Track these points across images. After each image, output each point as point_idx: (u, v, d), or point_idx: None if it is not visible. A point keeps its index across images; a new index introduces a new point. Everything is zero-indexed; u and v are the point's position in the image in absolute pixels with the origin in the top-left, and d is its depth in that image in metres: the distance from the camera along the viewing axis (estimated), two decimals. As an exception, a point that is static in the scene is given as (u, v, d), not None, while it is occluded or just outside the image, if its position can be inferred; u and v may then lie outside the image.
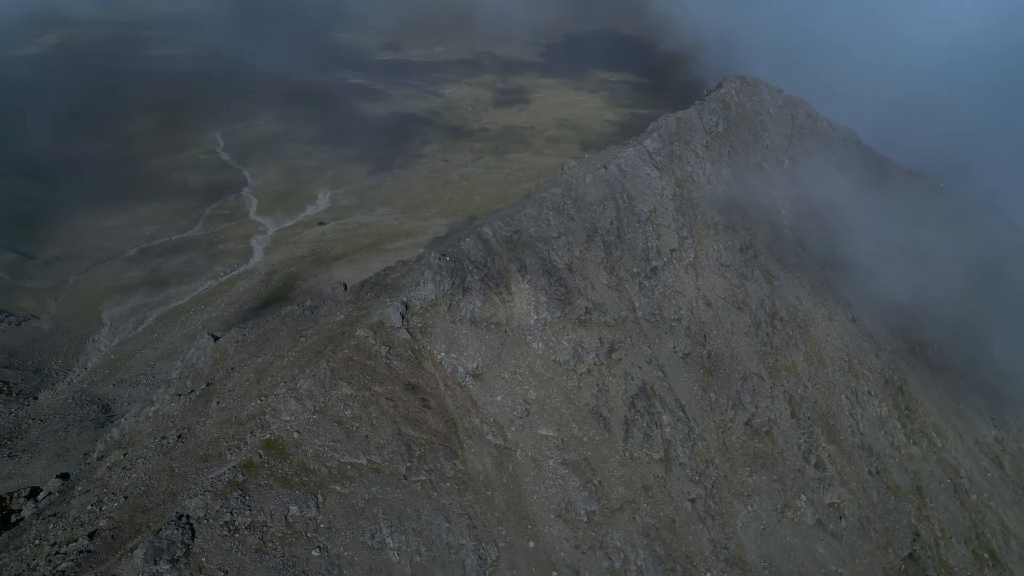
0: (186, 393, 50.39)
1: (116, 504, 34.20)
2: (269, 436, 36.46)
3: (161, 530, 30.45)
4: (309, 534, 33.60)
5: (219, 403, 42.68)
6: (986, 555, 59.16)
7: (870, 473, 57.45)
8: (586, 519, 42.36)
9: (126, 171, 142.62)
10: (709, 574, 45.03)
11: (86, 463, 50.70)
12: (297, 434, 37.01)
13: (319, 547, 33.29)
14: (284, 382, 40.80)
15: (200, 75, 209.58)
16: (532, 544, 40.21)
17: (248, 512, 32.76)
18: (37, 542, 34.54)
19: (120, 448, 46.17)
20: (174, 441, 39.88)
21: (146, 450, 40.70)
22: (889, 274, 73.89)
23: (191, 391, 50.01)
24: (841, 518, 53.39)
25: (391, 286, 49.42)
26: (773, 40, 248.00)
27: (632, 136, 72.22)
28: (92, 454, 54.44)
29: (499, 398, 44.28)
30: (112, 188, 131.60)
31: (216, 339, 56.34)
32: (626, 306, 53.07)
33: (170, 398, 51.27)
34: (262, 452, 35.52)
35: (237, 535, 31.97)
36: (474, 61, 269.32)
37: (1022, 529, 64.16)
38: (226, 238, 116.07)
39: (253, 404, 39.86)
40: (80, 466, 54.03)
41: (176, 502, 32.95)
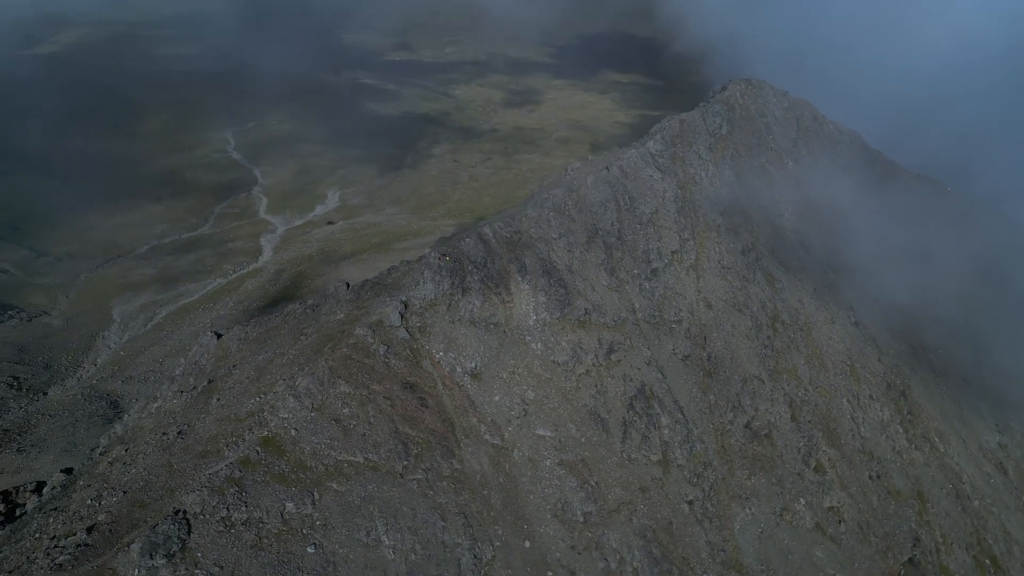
0: (188, 390, 50.81)
1: (115, 499, 34.60)
2: (267, 433, 36.76)
3: (158, 525, 30.79)
4: (305, 531, 33.86)
5: (219, 400, 43.05)
6: (987, 561, 58.82)
7: (871, 477, 57.23)
8: (582, 520, 42.46)
9: (138, 169, 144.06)
10: (706, 576, 45.06)
11: (89, 458, 51.23)
12: (295, 431, 37.30)
13: (314, 544, 33.54)
14: (283, 380, 41.10)
15: (212, 75, 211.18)
16: (528, 544, 40.33)
17: (244, 508, 33.07)
18: (37, 535, 34.99)
19: (122, 444, 46.66)
20: (174, 437, 40.26)
21: (147, 446, 41.12)
22: (893, 277, 73.56)
23: (193, 388, 50.44)
24: (840, 522, 53.22)
25: (391, 285, 49.69)
26: (784, 42, 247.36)
27: (641, 138, 72.28)
28: (97, 449, 55.04)
29: (497, 398, 44.44)
30: (124, 186, 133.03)
31: (219, 336, 56.76)
32: (626, 307, 53.12)
33: (173, 395, 51.71)
34: (260, 449, 35.82)
35: (233, 531, 32.27)
36: (485, 62, 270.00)
37: (1025, 535, 63.79)
38: (236, 237, 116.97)
39: (252, 401, 40.19)
40: (84, 461, 54.64)
41: (174, 497, 33.28)
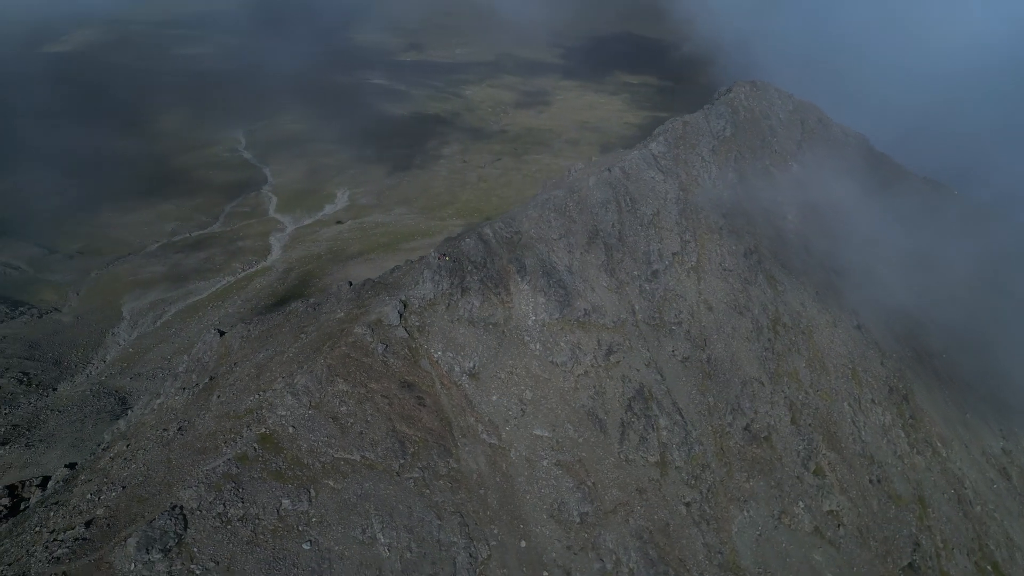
0: (191, 387, 51.28)
1: (114, 494, 34.99)
2: (264, 430, 37.10)
3: (154, 520, 31.15)
4: (300, 527, 34.15)
5: (219, 397, 43.42)
6: (989, 567, 58.43)
7: (871, 481, 57.00)
8: (579, 520, 42.54)
9: (150, 167, 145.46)
10: (702, 578, 45.03)
11: (91, 453, 51.80)
12: (292, 429, 37.61)
13: (310, 541, 33.82)
14: (282, 377, 41.44)
15: (224, 74, 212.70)
16: (524, 543, 40.47)
17: (241, 504, 33.39)
18: (38, 529, 35.45)
19: (124, 439, 47.16)
20: (174, 433, 40.65)
21: (147, 441, 41.55)
22: (897, 281, 73.21)
23: (196, 385, 50.89)
24: (839, 526, 53.05)
25: (391, 285, 49.99)
26: (795, 44, 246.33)
27: (644, 139, 72.32)
28: (101, 445, 55.61)
29: (495, 398, 44.61)
30: (136, 184, 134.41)
31: (222, 334, 57.24)
32: (626, 309, 53.18)
33: (175, 391, 52.18)
34: (257, 446, 36.15)
35: (229, 527, 32.59)
36: (496, 62, 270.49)
37: (1028, 542, 63.32)
38: (245, 235, 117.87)
39: (251, 399, 40.54)
40: (87, 456, 55.21)
41: (171, 493, 33.66)
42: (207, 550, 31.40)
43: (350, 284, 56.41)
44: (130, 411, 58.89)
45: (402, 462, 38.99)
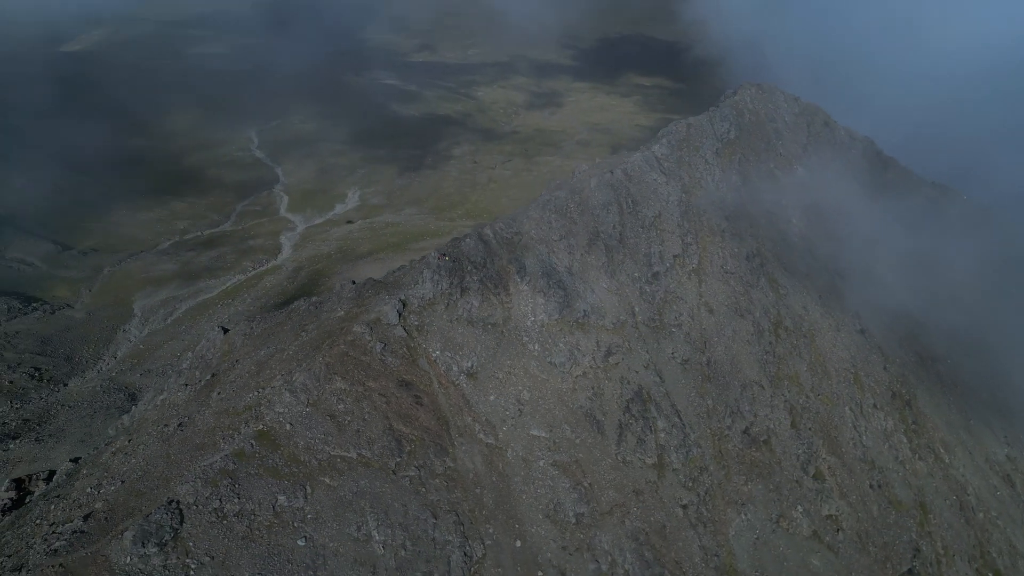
0: (193, 383, 51.85)
1: (113, 488, 35.45)
2: (262, 427, 37.47)
3: (151, 514, 31.57)
4: (296, 524, 34.47)
5: (219, 393, 43.88)
6: (990, 574, 58.05)
7: (871, 487, 56.75)
8: (574, 521, 42.66)
9: (163, 166, 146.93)
10: (698, 581, 45.03)
11: (95, 448, 52.42)
12: (289, 426, 37.96)
13: (305, 537, 34.14)
14: (281, 375, 41.84)
15: (237, 74, 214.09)
16: (519, 543, 40.63)
17: (237, 500, 33.75)
18: (38, 521, 35.98)
19: (127, 434, 47.74)
20: (174, 429, 41.11)
21: (148, 437, 42.04)
22: (902, 285, 72.78)
23: (198, 381, 51.44)
24: (838, 531, 52.86)
25: (392, 284, 50.30)
26: (807, 45, 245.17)
27: (648, 141, 72.29)
28: (105, 440, 56.25)
29: (492, 398, 44.82)
30: (149, 182, 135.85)
31: (226, 332, 57.80)
32: (625, 310, 53.24)
33: (178, 387, 52.80)
34: (254, 442, 36.52)
35: (225, 522, 32.96)
36: (508, 64, 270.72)
37: (1031, 549, 62.83)
38: (256, 234, 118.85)
39: (250, 395, 40.94)
40: (91, 451, 55.88)
41: (169, 488, 34.07)
42: (202, 545, 31.78)
43: (353, 283, 56.86)
44: (134, 407, 59.59)
45: (398, 460, 39.26)
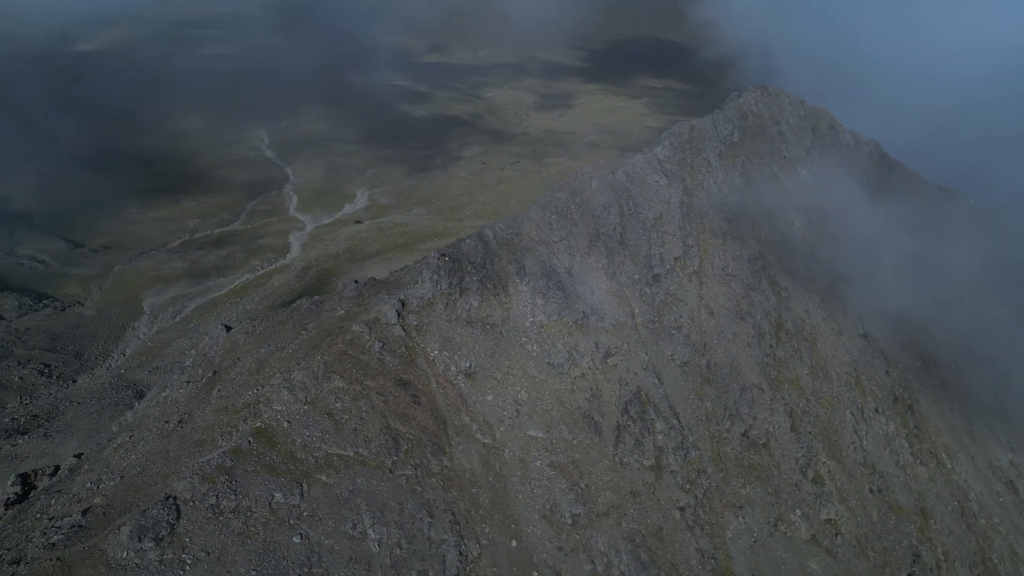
0: (195, 380, 52.29)
1: (112, 483, 35.86)
2: (260, 424, 37.77)
3: (148, 510, 31.90)
4: (292, 521, 34.74)
5: (219, 391, 44.27)
6: (991, 581, 57.78)
7: (871, 491, 56.56)
8: (571, 521, 42.78)
9: (173, 165, 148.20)
10: (694, 583, 45.03)
11: (98, 444, 53.02)
12: (287, 424, 38.25)
13: (300, 534, 34.40)
14: (280, 373, 42.17)
15: (248, 73, 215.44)
16: (515, 543, 40.78)
17: (233, 496, 34.05)
18: (39, 515, 36.49)
19: (129, 430, 48.25)
20: (174, 426, 41.51)
21: (148, 433, 42.49)
22: (905, 289, 72.46)
23: (200, 378, 51.88)
24: (837, 535, 52.73)
25: (392, 284, 50.60)
26: (816, 47, 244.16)
27: (650, 143, 72.34)
28: (108, 436, 56.83)
29: (490, 398, 45.00)
30: (160, 181, 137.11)
31: (228, 329, 58.25)
32: (625, 312, 53.32)
33: (180, 384, 53.25)
34: (252, 439, 36.82)
35: (221, 518, 33.26)
36: (518, 65, 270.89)
37: (1034, 556, 62.40)
38: (265, 233, 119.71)
39: (249, 393, 41.29)
40: (94, 447, 56.48)
41: (167, 483, 34.44)
42: (199, 540, 32.09)
43: (355, 282, 57.21)
44: (138, 403, 60.14)
45: (395, 459, 39.48)
